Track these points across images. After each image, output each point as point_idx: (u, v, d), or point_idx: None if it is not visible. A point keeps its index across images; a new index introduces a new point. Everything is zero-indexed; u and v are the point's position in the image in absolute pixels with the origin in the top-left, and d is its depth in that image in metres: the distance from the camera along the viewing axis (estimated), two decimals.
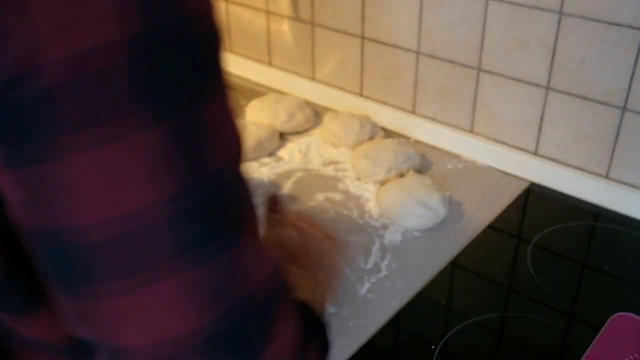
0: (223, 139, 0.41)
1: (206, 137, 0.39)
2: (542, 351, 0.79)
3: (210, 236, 0.39)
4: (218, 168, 0.39)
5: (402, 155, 1.06)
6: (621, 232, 0.97)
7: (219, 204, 0.39)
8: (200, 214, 0.38)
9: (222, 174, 0.40)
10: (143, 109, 0.35)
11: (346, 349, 0.76)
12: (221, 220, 0.40)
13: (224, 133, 0.41)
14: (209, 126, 0.39)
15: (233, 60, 1.45)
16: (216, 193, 0.39)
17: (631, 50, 0.92)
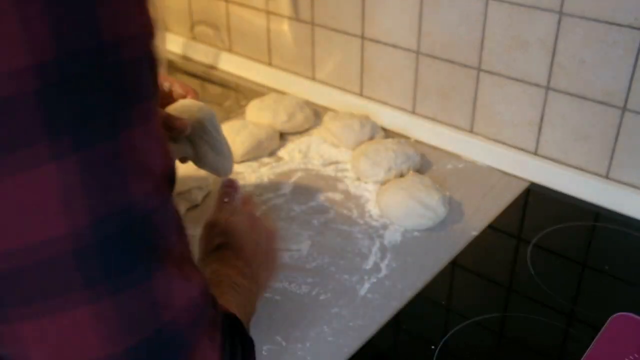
0: (145, 168, 0.40)
1: (125, 166, 0.38)
2: (542, 351, 0.79)
3: (122, 268, 0.39)
4: (135, 199, 0.39)
5: (402, 155, 1.06)
6: (621, 232, 0.97)
7: (134, 235, 0.39)
8: (113, 246, 0.38)
9: (140, 205, 0.39)
10: (55, 138, 0.34)
11: (346, 349, 0.76)
12: (136, 250, 0.39)
13: (147, 161, 0.40)
14: (129, 155, 0.38)
15: (233, 60, 1.45)
16: (131, 224, 0.39)
17: (631, 50, 0.92)
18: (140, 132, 0.39)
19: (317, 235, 0.94)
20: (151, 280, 0.40)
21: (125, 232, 0.38)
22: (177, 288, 0.42)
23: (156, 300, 0.41)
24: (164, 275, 0.41)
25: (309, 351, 0.76)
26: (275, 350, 0.76)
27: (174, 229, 0.43)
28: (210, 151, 0.82)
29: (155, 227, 0.41)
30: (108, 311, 0.39)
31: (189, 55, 1.53)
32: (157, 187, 0.41)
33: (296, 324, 0.79)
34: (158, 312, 0.41)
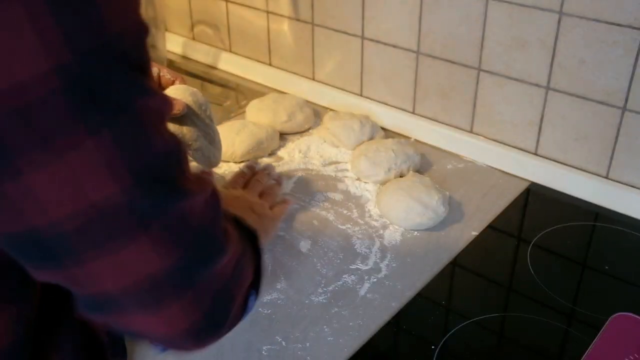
0: (159, 124, 0.46)
1: (145, 127, 0.44)
2: (542, 351, 0.79)
3: (162, 199, 0.45)
4: (159, 149, 0.45)
5: (402, 155, 1.06)
6: (621, 232, 0.97)
7: (165, 173, 0.46)
8: (152, 187, 0.44)
9: (166, 150, 0.46)
10: (84, 123, 0.40)
11: (346, 349, 0.76)
12: (167, 184, 0.46)
13: (158, 118, 0.46)
14: (145, 117, 0.44)
15: (233, 60, 1.45)
16: (162, 166, 0.45)
17: (631, 50, 0.92)
18: (151, 93, 0.45)
19: (317, 235, 0.94)
20: (182, 201, 0.46)
21: (158, 175, 0.45)
22: (196, 199, 0.48)
23: (187, 214, 0.47)
24: (190, 193, 0.47)
25: (309, 351, 0.76)
26: (275, 350, 0.76)
27: (186, 163, 0.49)
28: (202, 138, 0.82)
29: (176, 161, 0.47)
30: (160, 235, 0.45)
31: (189, 55, 1.53)
32: (170, 134, 0.47)
33: (296, 324, 0.79)
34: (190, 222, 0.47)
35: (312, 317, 0.80)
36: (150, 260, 0.45)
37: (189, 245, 0.47)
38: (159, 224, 0.45)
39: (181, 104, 0.79)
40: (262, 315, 0.80)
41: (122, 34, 0.41)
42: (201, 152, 0.83)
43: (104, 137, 0.41)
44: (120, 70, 0.41)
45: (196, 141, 0.81)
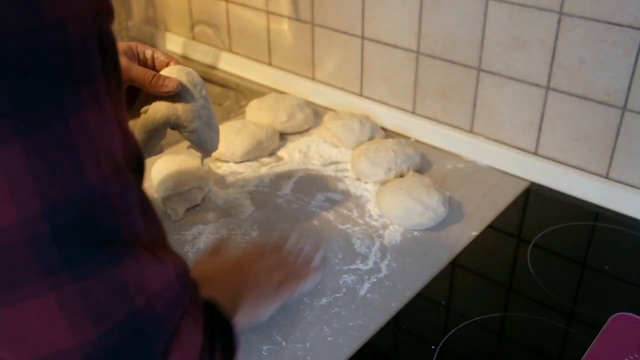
0: (101, 152, 0.38)
1: (78, 150, 0.37)
2: (542, 351, 0.79)
3: (83, 254, 0.38)
4: (92, 184, 0.38)
5: (402, 155, 1.06)
6: (621, 232, 0.97)
7: (94, 220, 0.38)
8: (70, 232, 0.37)
9: (98, 190, 0.38)
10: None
11: (346, 349, 0.76)
12: (97, 236, 0.39)
13: (104, 144, 0.39)
14: (81, 138, 0.37)
15: (233, 60, 1.45)
16: (89, 210, 0.38)
17: (631, 50, 0.92)
18: (93, 114, 0.38)
19: (317, 236, 0.94)
20: (118, 265, 0.40)
21: (83, 218, 0.38)
22: (149, 272, 0.42)
23: (126, 284, 0.40)
24: (133, 259, 0.41)
25: (309, 351, 0.76)
26: (275, 350, 0.76)
27: (140, 214, 0.43)
28: (198, 119, 0.80)
29: (117, 212, 0.40)
30: (73, 298, 0.38)
31: (189, 55, 1.53)
32: (118, 171, 0.40)
33: (296, 324, 0.79)
34: (129, 296, 0.41)
35: (312, 317, 0.80)
36: (58, 332, 0.38)
37: (119, 328, 0.40)
38: (75, 286, 0.38)
39: (175, 82, 0.76)
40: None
41: (63, 22, 0.36)
42: (197, 135, 0.81)
43: (14, 147, 0.35)
44: (53, 67, 0.36)
45: (192, 122, 0.79)
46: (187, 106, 0.79)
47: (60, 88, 0.36)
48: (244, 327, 0.65)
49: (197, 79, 0.82)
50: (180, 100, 0.78)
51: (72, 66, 0.37)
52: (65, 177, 0.37)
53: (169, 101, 0.78)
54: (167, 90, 0.76)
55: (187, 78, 0.80)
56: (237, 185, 1.06)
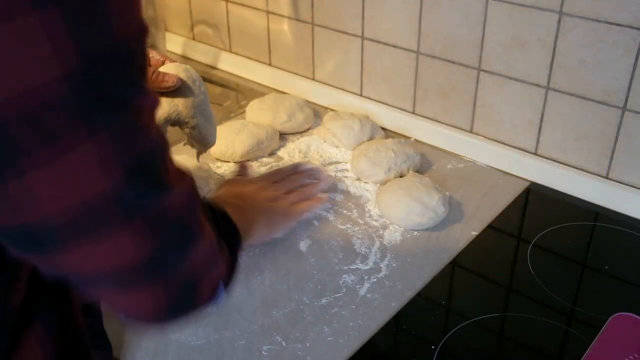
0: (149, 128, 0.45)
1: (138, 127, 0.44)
2: (542, 351, 0.79)
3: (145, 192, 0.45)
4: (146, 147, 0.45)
5: (402, 155, 1.06)
6: (621, 232, 0.97)
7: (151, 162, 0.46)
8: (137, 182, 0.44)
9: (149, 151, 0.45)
10: (87, 125, 0.41)
11: (346, 349, 0.76)
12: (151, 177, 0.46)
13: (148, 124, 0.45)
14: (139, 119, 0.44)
15: (233, 60, 1.45)
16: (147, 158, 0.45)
17: (631, 50, 0.92)
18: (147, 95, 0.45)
19: (317, 235, 0.94)
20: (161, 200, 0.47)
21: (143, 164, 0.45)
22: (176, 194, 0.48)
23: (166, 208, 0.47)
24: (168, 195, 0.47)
25: (309, 351, 0.76)
26: (275, 350, 0.76)
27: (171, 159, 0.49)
28: (198, 115, 0.81)
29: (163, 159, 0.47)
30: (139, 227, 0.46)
31: (189, 55, 1.53)
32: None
33: (296, 324, 0.79)
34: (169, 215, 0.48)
35: (312, 317, 0.80)
36: (127, 250, 0.46)
37: (165, 236, 0.48)
38: (141, 216, 0.46)
39: (174, 77, 0.78)
40: (262, 315, 0.80)
41: (127, 38, 0.42)
42: (198, 130, 0.82)
43: (103, 137, 0.42)
44: (123, 72, 0.43)
45: (193, 118, 0.80)
46: (188, 101, 0.79)
47: (132, 79, 0.43)
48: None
49: (194, 75, 0.82)
50: (180, 96, 0.79)
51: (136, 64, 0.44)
52: (135, 146, 0.44)
53: (169, 97, 0.78)
54: (168, 86, 0.79)
55: (185, 74, 0.80)
56: None
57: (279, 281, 0.86)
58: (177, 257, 0.50)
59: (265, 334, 0.78)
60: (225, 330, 0.79)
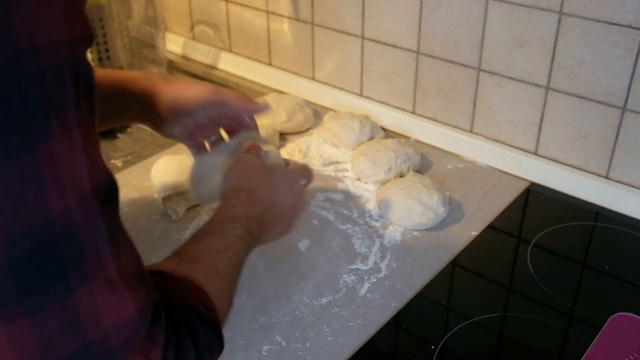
0: (67, 182, 0.38)
1: (44, 181, 0.36)
2: (542, 351, 0.79)
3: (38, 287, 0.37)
4: (55, 214, 0.37)
5: (402, 155, 1.06)
6: (621, 232, 0.97)
7: (52, 251, 0.38)
8: (27, 264, 0.37)
9: (61, 220, 0.38)
10: None
11: (346, 349, 0.76)
12: (56, 267, 0.38)
13: (71, 174, 0.38)
14: (48, 169, 0.37)
15: (233, 60, 1.45)
16: (50, 241, 0.37)
17: (631, 50, 0.92)
18: (61, 144, 0.38)
19: (317, 235, 0.94)
20: (72, 297, 0.39)
21: (43, 249, 0.37)
22: (105, 306, 0.41)
23: (79, 317, 0.40)
24: (88, 292, 0.40)
25: (309, 351, 0.76)
26: (275, 350, 0.76)
27: (108, 244, 0.42)
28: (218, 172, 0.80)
29: (80, 242, 0.40)
30: (24, 331, 0.38)
31: (189, 55, 1.53)
32: (84, 200, 0.40)
33: (296, 324, 0.79)
34: (82, 329, 0.40)
35: (312, 317, 0.80)
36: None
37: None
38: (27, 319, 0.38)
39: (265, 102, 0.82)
40: (262, 315, 0.80)
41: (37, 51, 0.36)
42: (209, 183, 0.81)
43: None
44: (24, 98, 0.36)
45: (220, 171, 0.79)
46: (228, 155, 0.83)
47: (31, 119, 0.36)
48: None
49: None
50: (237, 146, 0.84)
51: (44, 97, 0.37)
52: (28, 208, 0.37)
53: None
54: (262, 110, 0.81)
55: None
56: None
57: (278, 281, 0.86)
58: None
59: (265, 334, 0.78)
60: (225, 330, 0.78)
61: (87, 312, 0.40)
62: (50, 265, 0.38)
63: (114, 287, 0.42)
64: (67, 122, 0.38)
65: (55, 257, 0.38)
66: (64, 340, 0.40)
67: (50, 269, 0.38)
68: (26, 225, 0.37)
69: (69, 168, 0.39)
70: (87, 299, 0.40)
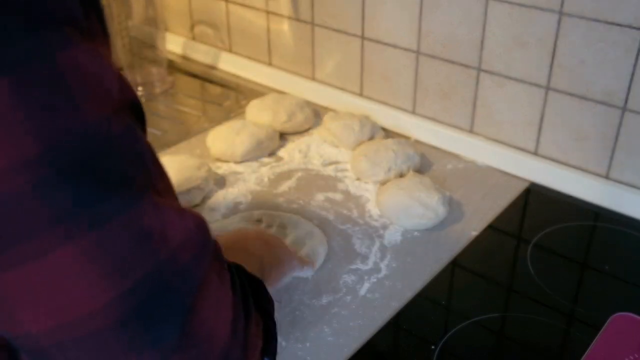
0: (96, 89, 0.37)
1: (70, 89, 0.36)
2: (542, 351, 0.79)
3: (94, 197, 0.35)
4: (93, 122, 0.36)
5: (402, 155, 1.06)
6: (621, 232, 0.97)
7: (101, 161, 0.36)
8: (78, 173, 0.35)
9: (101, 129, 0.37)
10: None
11: (346, 349, 0.76)
12: (108, 178, 0.36)
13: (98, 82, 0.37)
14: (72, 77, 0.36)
15: (233, 60, 1.45)
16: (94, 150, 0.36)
17: (631, 50, 0.92)
18: (83, 52, 0.37)
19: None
20: (138, 209, 0.37)
21: (89, 160, 0.36)
22: (170, 220, 0.39)
23: (150, 232, 0.38)
24: (150, 204, 0.38)
25: (309, 351, 0.76)
26: None
27: (150, 161, 0.41)
28: None
29: (125, 155, 0.38)
30: (93, 248, 0.35)
31: (189, 55, 1.53)
32: (118, 111, 0.38)
33: (296, 324, 0.79)
34: (154, 245, 0.38)
35: (312, 317, 0.80)
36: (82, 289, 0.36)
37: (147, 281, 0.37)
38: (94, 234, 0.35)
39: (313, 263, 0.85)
40: None
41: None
42: None
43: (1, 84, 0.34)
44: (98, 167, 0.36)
45: None
46: None
47: (40, 25, 0.35)
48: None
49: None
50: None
51: (47, 4, 0.36)
52: (61, 115, 0.35)
53: None
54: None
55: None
56: (237, 185, 1.06)
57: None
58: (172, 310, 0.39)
59: None
60: None
61: (154, 226, 0.38)
62: (102, 176, 0.36)
63: (168, 201, 0.41)
64: (83, 31, 0.37)
65: (104, 169, 0.36)
66: (139, 257, 0.37)
67: (103, 180, 0.36)
68: (64, 133, 0.35)
69: (96, 77, 0.37)
70: (152, 212, 0.38)
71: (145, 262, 0.38)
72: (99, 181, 0.36)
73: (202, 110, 1.32)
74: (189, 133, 1.21)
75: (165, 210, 0.40)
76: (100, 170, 0.36)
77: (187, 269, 0.40)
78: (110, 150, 0.37)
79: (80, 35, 0.37)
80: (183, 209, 0.42)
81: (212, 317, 0.41)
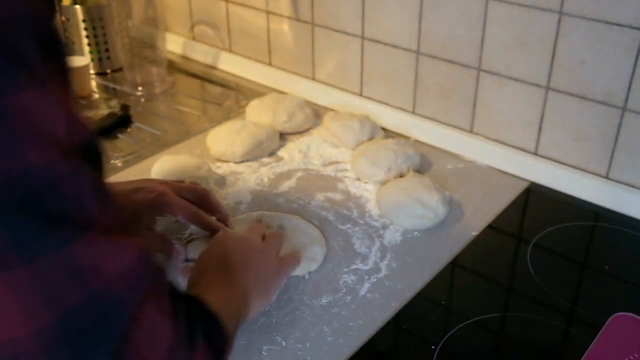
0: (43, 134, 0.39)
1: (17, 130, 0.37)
2: (542, 351, 0.79)
3: (31, 235, 0.38)
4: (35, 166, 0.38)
5: (402, 155, 1.06)
6: (621, 232, 0.97)
7: (40, 202, 0.38)
8: (15, 211, 0.37)
9: (42, 173, 0.38)
10: None
11: (346, 349, 0.76)
12: (45, 217, 0.38)
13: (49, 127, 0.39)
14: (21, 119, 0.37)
15: (233, 60, 1.45)
16: (34, 192, 0.38)
17: (631, 50, 0.92)
18: (34, 96, 0.38)
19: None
20: (70, 247, 0.39)
21: (28, 199, 0.38)
22: (105, 254, 0.41)
23: (81, 267, 0.40)
24: (85, 242, 0.40)
25: (309, 351, 0.76)
26: (275, 350, 0.76)
27: (94, 198, 0.42)
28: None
29: (67, 195, 0.40)
30: (25, 281, 0.38)
31: (189, 55, 1.53)
32: (65, 155, 0.40)
33: (296, 324, 0.79)
34: (85, 279, 0.40)
35: (312, 317, 0.80)
36: (12, 317, 0.38)
37: (77, 313, 0.40)
38: (26, 268, 0.38)
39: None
40: (262, 315, 0.80)
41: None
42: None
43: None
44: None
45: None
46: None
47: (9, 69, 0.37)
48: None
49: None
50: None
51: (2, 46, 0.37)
52: (2, 155, 0.37)
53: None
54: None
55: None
56: (237, 185, 1.06)
57: None
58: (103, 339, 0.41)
59: (265, 334, 0.78)
60: None
61: (87, 261, 0.40)
62: (40, 214, 0.38)
63: (110, 237, 0.42)
64: (36, 74, 0.39)
65: (43, 208, 0.39)
66: (69, 289, 0.40)
67: (40, 218, 0.39)
68: (6, 174, 0.37)
69: (46, 121, 0.39)
70: (86, 248, 0.40)
71: (73, 296, 0.40)
72: (36, 219, 0.38)
73: (202, 110, 1.32)
74: (189, 133, 1.21)
75: (102, 246, 0.42)
76: (38, 210, 0.38)
77: (120, 300, 0.42)
78: (50, 193, 0.39)
79: (32, 80, 0.38)
80: (126, 243, 0.44)
81: (146, 346, 0.43)
